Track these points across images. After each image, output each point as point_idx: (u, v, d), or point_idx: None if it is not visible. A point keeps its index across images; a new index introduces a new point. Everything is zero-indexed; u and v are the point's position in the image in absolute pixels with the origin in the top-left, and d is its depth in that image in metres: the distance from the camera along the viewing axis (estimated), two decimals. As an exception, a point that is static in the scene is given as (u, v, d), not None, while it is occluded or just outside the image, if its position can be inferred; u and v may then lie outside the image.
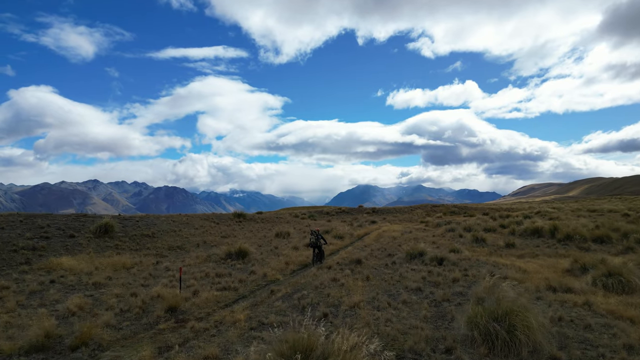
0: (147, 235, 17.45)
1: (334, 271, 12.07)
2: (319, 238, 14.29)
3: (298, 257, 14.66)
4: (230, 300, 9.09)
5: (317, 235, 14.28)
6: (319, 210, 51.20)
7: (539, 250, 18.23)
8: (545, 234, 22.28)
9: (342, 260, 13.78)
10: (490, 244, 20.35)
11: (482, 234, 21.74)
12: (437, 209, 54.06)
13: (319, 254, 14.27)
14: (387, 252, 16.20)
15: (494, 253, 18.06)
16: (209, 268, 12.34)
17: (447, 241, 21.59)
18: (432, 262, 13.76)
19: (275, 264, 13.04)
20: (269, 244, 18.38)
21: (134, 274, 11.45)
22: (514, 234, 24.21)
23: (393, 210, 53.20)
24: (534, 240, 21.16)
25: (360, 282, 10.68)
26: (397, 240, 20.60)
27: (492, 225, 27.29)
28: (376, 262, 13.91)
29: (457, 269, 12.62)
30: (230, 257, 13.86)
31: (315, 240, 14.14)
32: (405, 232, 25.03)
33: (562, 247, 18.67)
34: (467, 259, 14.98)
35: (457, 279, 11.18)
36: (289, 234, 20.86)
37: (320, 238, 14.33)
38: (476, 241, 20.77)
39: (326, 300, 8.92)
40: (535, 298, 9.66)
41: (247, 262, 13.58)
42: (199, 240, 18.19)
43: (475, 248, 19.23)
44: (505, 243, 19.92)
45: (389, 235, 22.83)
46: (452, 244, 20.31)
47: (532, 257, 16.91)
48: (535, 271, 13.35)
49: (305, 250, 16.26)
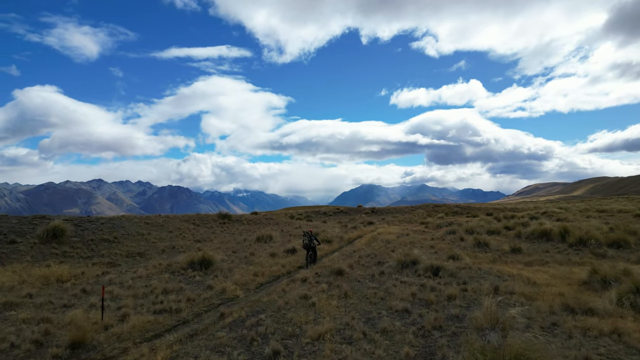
0: (107, 240, 15.60)
1: (308, 285, 10.15)
2: (312, 239, 14.14)
3: (272, 266, 12.76)
4: (164, 328, 7.21)
5: (310, 237, 14.09)
6: (316, 211, 49.35)
7: (548, 257, 16.26)
8: (555, 237, 20.26)
9: (321, 271, 11.87)
10: (494, 248, 18.38)
11: (485, 237, 19.78)
12: (438, 209, 52.02)
13: (312, 256, 14.09)
14: (376, 260, 14.28)
15: (498, 260, 16.10)
16: (160, 281, 10.47)
17: (446, 245, 19.63)
18: (426, 273, 11.82)
19: (241, 275, 11.15)
20: (245, 250, 16.52)
21: (65, 290, 9.55)
22: (520, 237, 22.21)
23: (393, 210, 51.23)
24: (542, 245, 19.17)
25: (336, 301, 8.77)
26: (390, 245, 18.66)
27: (496, 227, 25.27)
28: (361, 272, 11.99)
29: (454, 282, 10.69)
30: (192, 266, 11.98)
31: (309, 241, 14.00)
32: (401, 235, 23.09)
33: (574, 252, 16.68)
34: (467, 267, 13.04)
35: (453, 295, 9.24)
36: (271, 238, 18.98)
37: (313, 239, 14.20)
38: (478, 245, 18.80)
39: (285, 329, 7.03)
40: (551, 324, 7.71)
41: (209, 273, 11.70)
42: (167, 246, 16.34)
43: (477, 253, 17.27)
44: (510, 248, 17.94)
45: (383, 238, 20.90)
46: (452, 249, 18.35)
47: (542, 265, 14.95)
48: (546, 283, 11.39)
49: (283, 258, 14.39)
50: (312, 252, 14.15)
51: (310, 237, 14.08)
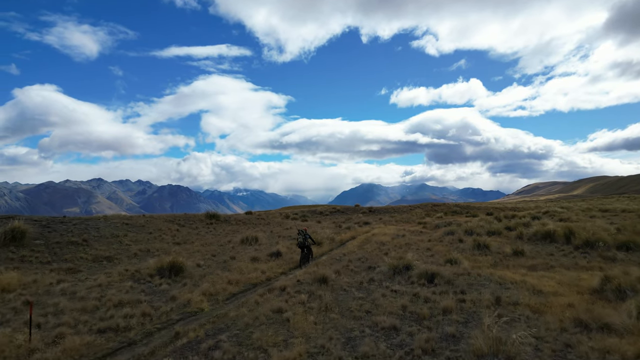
0: (74, 242, 14.38)
1: (286, 295, 8.97)
2: (307, 238, 14.04)
3: (251, 272, 11.56)
4: (101, 352, 6.02)
5: (305, 235, 13.99)
6: (312, 210, 48.22)
7: (553, 260, 15.11)
8: (559, 238, 19.11)
9: (304, 278, 10.68)
10: (494, 251, 17.22)
11: (485, 239, 18.60)
12: (437, 209, 50.86)
13: (306, 255, 13.97)
14: (367, 264, 13.11)
15: (500, 264, 14.94)
16: (119, 291, 9.24)
17: (444, 247, 18.47)
18: (420, 280, 10.65)
19: (212, 284, 9.94)
20: (226, 253, 15.33)
21: (6, 302, 8.20)
22: (522, 238, 21.06)
23: (391, 209, 50.11)
24: (546, 247, 18.01)
25: (314, 316, 7.59)
26: (385, 247, 17.49)
27: (496, 228, 24.09)
28: (349, 279, 10.81)
29: (451, 291, 9.51)
30: (160, 273, 10.77)
31: (303, 240, 13.89)
32: (397, 236, 21.92)
33: (581, 256, 15.52)
34: (465, 273, 11.87)
35: (449, 308, 8.07)
36: (257, 240, 17.78)
37: (308, 238, 14.10)
38: (478, 248, 17.63)
39: (246, 355, 5.85)
40: (563, 345, 6.55)
41: (178, 280, 10.49)
42: (141, 249, 15.12)
43: (476, 257, 16.11)
44: (512, 250, 16.77)
45: (378, 240, 19.73)
46: (450, 252, 17.18)
47: (547, 270, 13.80)
48: (553, 292, 10.23)
49: (264, 263, 13.20)
50: (307, 251, 14.10)
51: (305, 235, 14.01)
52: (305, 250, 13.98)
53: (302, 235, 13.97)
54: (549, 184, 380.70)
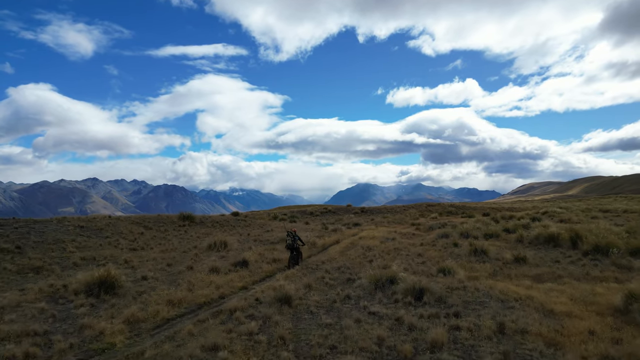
0: (5, 250, 12.23)
1: (233, 323, 6.99)
2: (296, 239, 13.86)
3: (202, 288, 9.53)
4: None
5: (294, 237, 13.80)
6: (303, 210, 46.31)
7: (560, 269, 13.28)
8: (564, 242, 17.31)
9: (264, 295, 8.73)
10: (493, 257, 15.39)
11: (483, 243, 16.76)
12: (432, 209, 49.08)
13: (295, 257, 13.74)
14: (346, 275, 11.19)
15: (500, 272, 13.09)
16: (21, 316, 7.15)
17: (437, 252, 16.62)
18: (406, 297, 8.74)
19: (145, 305, 7.88)
20: (185, 262, 13.30)
21: None
22: (523, 241, 19.26)
23: (384, 209, 48.25)
24: (550, 252, 16.21)
25: (257, 358, 5.65)
26: (371, 253, 15.60)
27: (494, 230, 22.23)
28: (319, 297, 8.87)
29: (442, 313, 7.62)
30: (89, 290, 8.77)
31: (292, 241, 13.67)
32: (386, 239, 20.03)
33: (591, 263, 13.70)
34: (460, 287, 9.98)
35: (439, 342, 6.16)
36: (225, 245, 15.79)
37: (297, 239, 13.91)
38: (475, 253, 15.78)
39: None
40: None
41: (107, 299, 8.46)
42: (84, 257, 13.03)
43: (473, 264, 14.26)
44: (513, 256, 14.94)
45: (364, 244, 17.84)
46: (443, 258, 15.32)
47: (554, 280, 11.97)
48: (567, 312, 8.36)
49: (224, 275, 11.14)
50: (296, 252, 13.85)
51: (294, 237, 13.78)
52: (295, 251, 13.79)
53: (291, 237, 13.76)
54: (544, 184, 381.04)
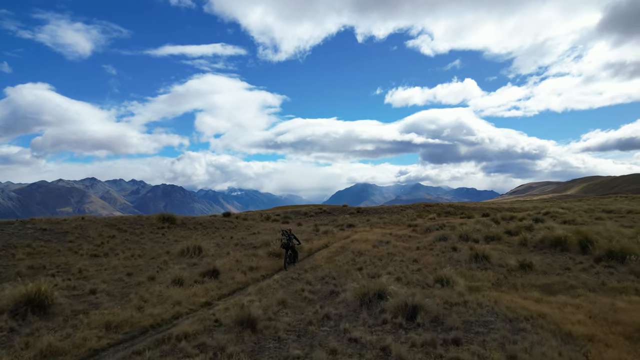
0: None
1: (176, 355, 5.57)
2: (291, 238, 13.73)
3: (156, 305, 7.99)
4: None
5: (289, 236, 13.68)
6: (297, 211, 44.85)
7: (571, 277, 11.88)
8: (572, 246, 15.91)
9: (226, 315, 7.24)
10: (496, 263, 13.98)
11: (484, 248, 15.30)
12: (430, 209, 47.65)
13: (291, 256, 13.72)
14: (330, 287, 9.74)
15: (504, 282, 11.69)
16: None
17: (434, 258, 15.20)
18: (396, 317, 7.32)
19: (74, 330, 6.40)
20: (149, 271, 11.69)
21: None
22: (527, 245, 17.86)
23: (381, 210, 46.79)
24: (558, 257, 14.81)
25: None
26: (361, 259, 14.17)
27: (495, 232, 20.78)
28: (293, 317, 7.42)
29: (439, 341, 6.19)
30: (15, 310, 7.22)
31: (287, 240, 13.53)
32: (380, 243, 18.60)
33: (605, 271, 12.30)
34: (461, 302, 8.56)
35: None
36: (199, 251, 14.25)
37: (292, 238, 13.81)
38: (476, 259, 14.37)
39: None
40: None
41: (32, 322, 6.96)
42: (33, 265, 11.42)
43: (474, 272, 12.84)
44: (518, 262, 13.54)
45: (356, 248, 16.40)
46: (441, 264, 13.91)
47: (566, 291, 10.60)
48: (589, 336, 6.96)
49: (188, 288, 9.49)
50: (292, 252, 13.78)
51: (289, 236, 13.65)
52: (290, 251, 13.68)
53: (287, 236, 13.62)
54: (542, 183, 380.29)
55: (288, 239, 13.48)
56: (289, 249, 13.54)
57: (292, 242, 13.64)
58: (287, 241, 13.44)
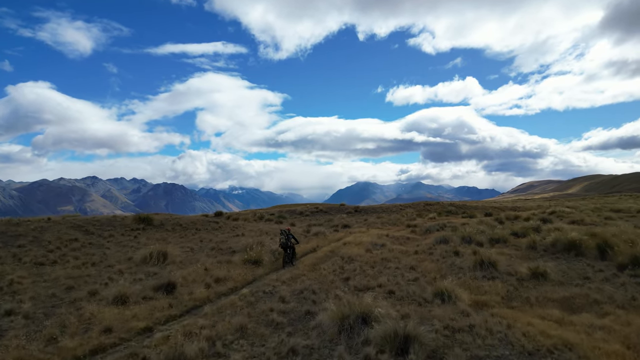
0: None
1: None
2: (290, 238, 13.81)
3: (80, 332, 6.19)
4: None
5: (288, 235, 13.80)
6: (292, 210, 43.16)
7: (594, 290, 10.16)
8: (588, 251, 14.19)
9: (157, 353, 5.54)
10: (504, 270, 12.25)
11: (490, 253, 13.52)
12: (431, 208, 45.89)
13: (290, 255, 13.77)
14: (305, 306, 8.00)
15: (516, 296, 9.95)
16: None
17: (434, 264, 13.47)
18: (382, 352, 5.63)
19: None
20: (96, 282, 9.94)
21: None
22: (536, 248, 16.15)
23: (379, 209, 45.05)
24: (573, 264, 13.09)
25: None
26: (350, 266, 12.45)
27: (501, 234, 19.02)
28: (248, 351, 5.66)
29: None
30: None
31: (286, 240, 13.65)
32: (375, 246, 16.88)
33: (632, 281, 10.59)
34: (465, 327, 6.83)
35: None
36: (164, 258, 12.39)
37: (291, 238, 13.86)
38: (481, 266, 12.63)
39: None
40: None
41: None
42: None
43: (480, 282, 11.10)
44: (529, 270, 11.79)
45: (347, 253, 14.70)
46: (441, 273, 12.18)
47: (590, 308, 8.92)
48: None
49: (130, 307, 7.48)
50: (291, 251, 13.79)
51: (287, 236, 13.73)
52: (289, 250, 13.70)
53: (285, 236, 13.70)
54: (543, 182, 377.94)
55: (287, 239, 13.63)
56: (288, 249, 13.67)
57: (290, 241, 13.73)
58: (286, 241, 13.60)
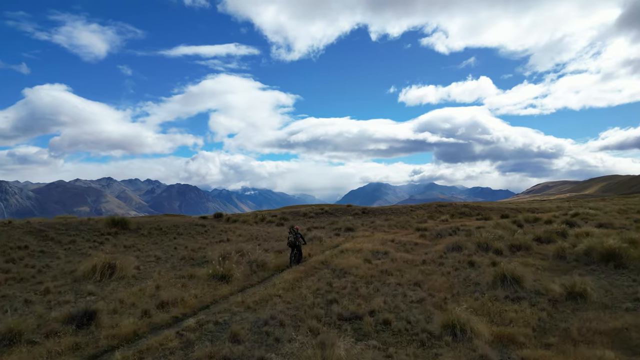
0: None
1: None
2: (298, 237, 13.80)
3: None
4: None
5: (296, 234, 13.78)
6: (295, 211, 40.99)
7: (654, 318, 7.72)
8: (631, 262, 11.76)
9: None
10: (531, 288, 9.88)
11: (513, 267, 10.97)
12: (443, 210, 43.23)
13: (297, 255, 13.71)
14: (261, 351, 5.76)
15: (552, 328, 7.60)
16: None
17: (444, 279, 11.14)
18: None
19: None
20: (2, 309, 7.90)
21: None
22: (565, 257, 13.77)
23: (388, 210, 42.53)
24: (614, 278, 10.69)
25: None
26: (340, 282, 10.23)
27: (522, 240, 16.56)
28: None
29: None
30: None
31: (294, 239, 13.66)
32: (375, 255, 14.62)
33: None
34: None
35: None
36: (112, 272, 10.00)
37: (299, 237, 13.84)
38: (502, 282, 10.25)
39: None
40: None
41: None
42: None
43: (502, 305, 8.73)
44: (564, 288, 9.41)
45: (340, 264, 12.48)
46: (452, 293, 9.84)
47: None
48: None
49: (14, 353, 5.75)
50: (297, 251, 13.75)
51: (296, 235, 13.75)
52: (296, 249, 13.70)
53: (293, 235, 13.75)
54: (559, 183, 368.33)
55: (295, 238, 13.61)
56: (295, 248, 13.63)
57: (298, 241, 13.68)
58: (294, 239, 13.58)
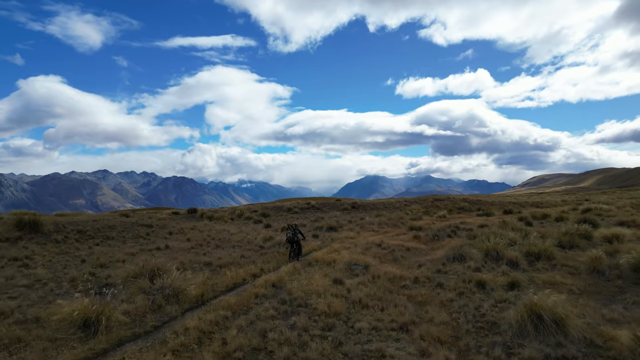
0: None
1: None
2: (297, 233, 13.86)
3: None
4: None
5: (295, 230, 13.83)
6: (278, 206, 37.36)
7: None
8: None
9: None
10: (580, 339, 6.25)
11: (548, 301, 7.26)
12: (440, 204, 39.67)
13: (296, 250, 13.76)
14: None
15: None
16: None
17: (443, 313, 7.47)
18: None
19: None
20: None
21: None
22: (603, 273, 10.28)
23: (380, 205, 38.92)
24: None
25: None
26: (284, 328, 6.59)
27: (541, 246, 12.92)
28: None
29: None
30: None
31: (293, 235, 13.71)
32: (352, 270, 11.00)
33: None
34: None
35: None
36: None
37: (297, 233, 13.91)
38: (535, 327, 6.62)
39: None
40: None
41: None
42: None
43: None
44: (635, 341, 5.79)
45: (299, 288, 8.88)
46: (458, 348, 6.21)
47: None
48: None
49: None
50: (297, 246, 13.75)
51: (294, 230, 13.79)
52: (295, 245, 13.73)
53: (292, 231, 13.76)
54: (555, 175, 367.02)
55: (293, 234, 13.62)
56: (294, 243, 13.66)
57: (296, 237, 13.67)
58: (293, 235, 13.58)
